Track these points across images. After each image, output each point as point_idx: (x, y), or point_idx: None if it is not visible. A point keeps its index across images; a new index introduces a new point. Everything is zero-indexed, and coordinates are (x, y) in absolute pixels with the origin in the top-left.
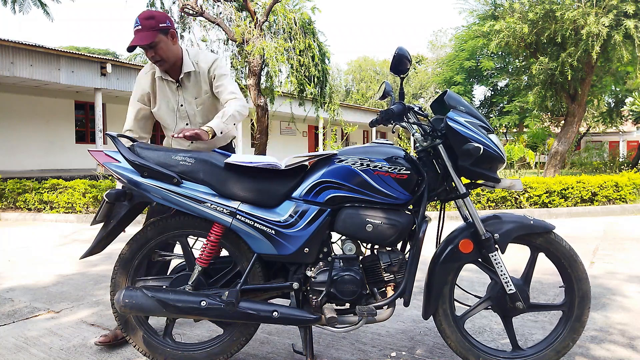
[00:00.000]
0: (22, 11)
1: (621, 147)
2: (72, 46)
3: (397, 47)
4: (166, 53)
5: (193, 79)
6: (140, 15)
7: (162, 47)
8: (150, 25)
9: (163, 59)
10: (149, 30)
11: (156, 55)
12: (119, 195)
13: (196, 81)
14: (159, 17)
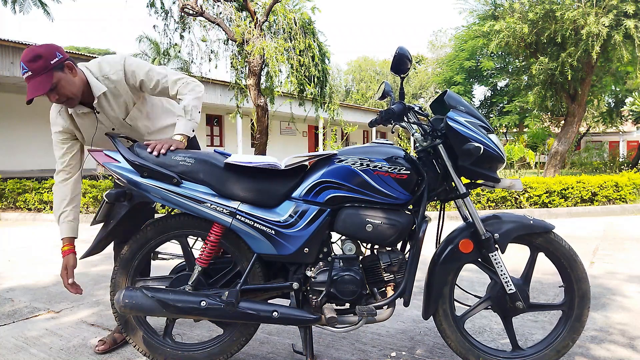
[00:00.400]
0: (23, 11)
1: (621, 147)
2: (72, 46)
3: (398, 47)
4: (71, 89)
5: (111, 97)
6: (24, 58)
7: (63, 85)
8: (41, 67)
9: (70, 97)
10: (42, 73)
11: (61, 96)
12: (119, 196)
13: (115, 98)
14: (46, 53)
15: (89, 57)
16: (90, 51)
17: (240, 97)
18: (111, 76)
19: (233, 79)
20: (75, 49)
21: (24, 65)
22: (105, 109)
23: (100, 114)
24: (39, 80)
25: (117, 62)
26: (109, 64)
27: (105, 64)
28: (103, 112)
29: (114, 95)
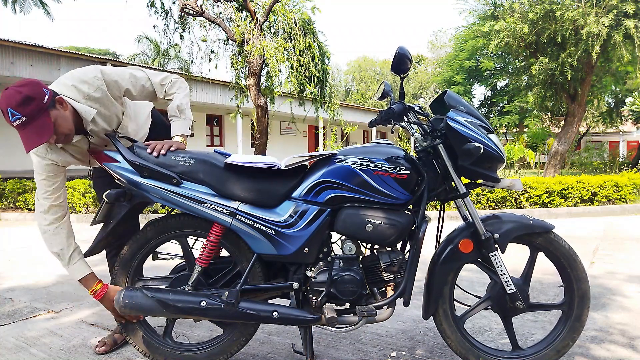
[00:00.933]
0: (23, 11)
1: (621, 147)
2: (72, 46)
3: (398, 47)
4: (67, 126)
5: (99, 116)
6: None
7: (60, 123)
8: (36, 109)
9: (68, 133)
10: (38, 116)
11: (59, 136)
12: (118, 196)
13: (104, 115)
14: (35, 93)
15: (90, 57)
16: (90, 51)
17: (240, 97)
18: (93, 94)
19: (233, 79)
20: (75, 49)
21: (13, 111)
22: (97, 129)
23: (93, 137)
24: (38, 124)
25: (93, 77)
26: (86, 83)
27: (81, 85)
28: (95, 134)
29: (101, 113)
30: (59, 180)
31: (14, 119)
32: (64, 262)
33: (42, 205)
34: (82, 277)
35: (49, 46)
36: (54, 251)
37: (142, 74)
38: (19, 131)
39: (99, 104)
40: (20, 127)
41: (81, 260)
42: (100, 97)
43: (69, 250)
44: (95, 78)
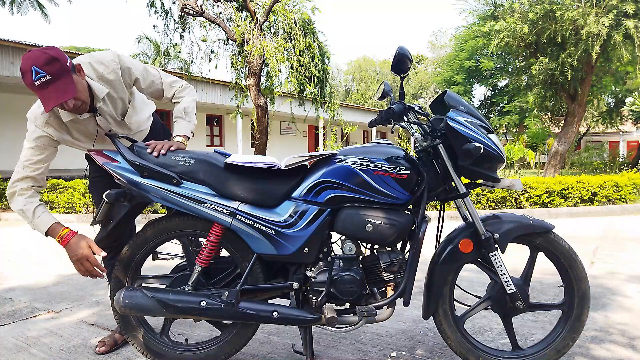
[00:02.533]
0: (20, 12)
1: (621, 147)
2: (72, 46)
3: (398, 47)
4: (84, 93)
5: (110, 99)
6: (36, 62)
7: (79, 89)
8: (60, 69)
9: (84, 101)
10: (62, 76)
11: (76, 101)
12: (118, 196)
13: (114, 99)
14: (59, 55)
15: None
16: (90, 51)
17: (240, 97)
18: (107, 76)
19: (233, 79)
20: (75, 49)
21: (38, 69)
22: (104, 110)
23: (100, 117)
24: (61, 84)
25: (111, 60)
26: (103, 64)
27: (97, 65)
28: (103, 114)
29: (111, 95)
30: (46, 153)
31: (38, 77)
32: (28, 219)
33: (19, 173)
34: (49, 228)
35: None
36: (18, 209)
37: (155, 71)
38: (40, 90)
39: (110, 86)
40: (43, 86)
41: (45, 212)
42: (113, 79)
43: (33, 205)
44: (112, 61)
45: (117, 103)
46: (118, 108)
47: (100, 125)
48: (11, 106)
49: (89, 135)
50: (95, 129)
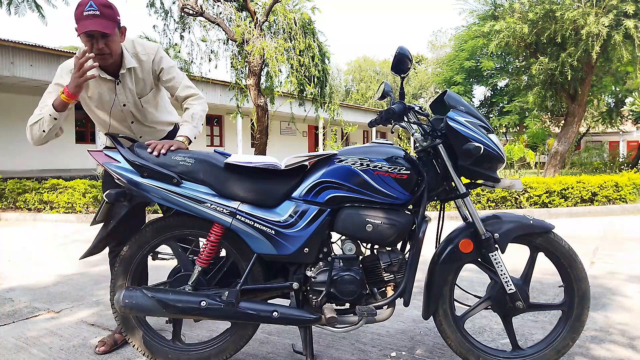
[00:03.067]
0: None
1: (621, 147)
2: (72, 46)
3: (398, 47)
4: (116, 48)
5: (135, 75)
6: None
7: (114, 40)
8: (110, 15)
9: (111, 53)
10: (109, 20)
11: (106, 47)
12: (118, 196)
13: (138, 77)
14: (116, 9)
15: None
16: None
17: (240, 97)
18: (141, 56)
19: (233, 79)
20: (75, 49)
21: (93, 4)
22: (127, 83)
23: (120, 86)
24: (105, 22)
25: (151, 46)
26: (142, 46)
27: (138, 45)
28: (123, 85)
29: (137, 74)
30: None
31: (89, 9)
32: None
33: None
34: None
35: (49, 46)
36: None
37: (180, 72)
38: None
39: (140, 65)
40: (88, 17)
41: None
42: (144, 61)
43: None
44: (151, 48)
45: (139, 82)
46: (138, 87)
47: (118, 96)
48: (11, 106)
49: (104, 102)
50: (112, 97)
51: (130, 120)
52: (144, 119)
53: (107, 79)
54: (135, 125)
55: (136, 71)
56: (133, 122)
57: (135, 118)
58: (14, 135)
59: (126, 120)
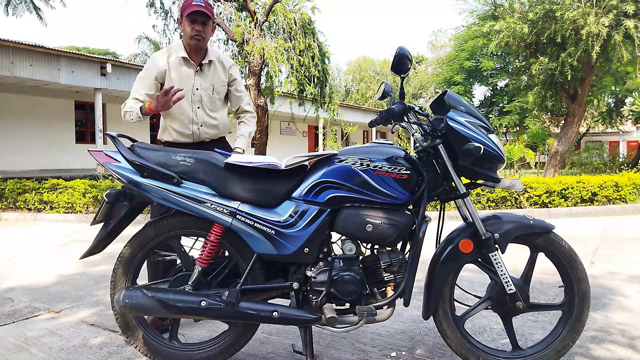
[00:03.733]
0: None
1: (621, 147)
2: (72, 46)
3: (398, 47)
4: (207, 36)
5: (213, 68)
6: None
7: (209, 29)
8: (210, 11)
9: (204, 39)
10: (210, 12)
11: (203, 32)
12: (118, 195)
13: (215, 71)
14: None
15: (90, 57)
16: (90, 51)
17: None
18: (222, 58)
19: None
20: (75, 49)
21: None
22: (205, 72)
23: (198, 73)
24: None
25: (228, 58)
26: (223, 55)
27: (221, 54)
28: (201, 73)
29: (215, 68)
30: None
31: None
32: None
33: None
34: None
35: (49, 46)
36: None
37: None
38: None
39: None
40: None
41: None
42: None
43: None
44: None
45: (216, 78)
46: (215, 81)
47: (196, 83)
48: (11, 106)
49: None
50: (191, 82)
51: (197, 106)
52: (209, 106)
53: (191, 63)
54: (200, 111)
55: (215, 65)
56: (199, 108)
57: (202, 104)
58: (14, 135)
59: (194, 104)
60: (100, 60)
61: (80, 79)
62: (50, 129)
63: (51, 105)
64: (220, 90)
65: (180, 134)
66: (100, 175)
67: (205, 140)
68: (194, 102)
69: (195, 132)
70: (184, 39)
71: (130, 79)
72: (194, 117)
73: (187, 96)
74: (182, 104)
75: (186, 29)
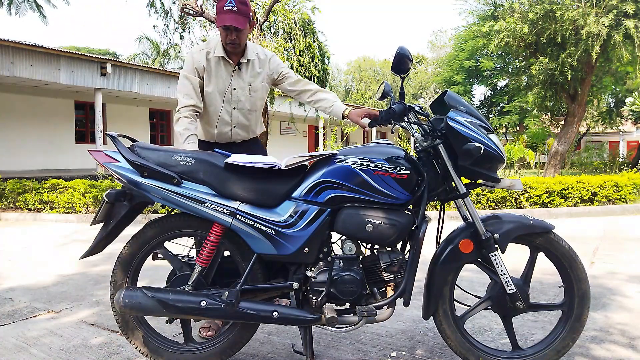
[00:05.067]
0: (19, 14)
1: (621, 147)
2: (72, 46)
3: (399, 47)
4: (244, 39)
5: (251, 66)
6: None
7: (245, 33)
8: (245, 12)
9: (240, 44)
10: (244, 15)
11: (237, 39)
12: (118, 195)
13: (254, 69)
14: (249, 5)
15: (90, 57)
16: (90, 51)
17: None
18: (260, 55)
19: None
20: (75, 49)
21: (232, 1)
22: (243, 71)
23: (236, 72)
24: (241, 19)
25: (268, 51)
26: (262, 49)
27: (259, 47)
28: (240, 72)
29: (253, 66)
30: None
31: (229, 5)
32: (179, 141)
33: (180, 102)
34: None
35: (49, 46)
36: (178, 130)
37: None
38: (222, 14)
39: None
40: (227, 12)
41: (192, 143)
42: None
43: (187, 133)
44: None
45: (254, 74)
46: (253, 80)
47: (233, 83)
48: (11, 106)
49: (220, 84)
50: (228, 81)
51: (233, 106)
52: (247, 106)
53: (229, 63)
54: (237, 112)
55: (254, 64)
56: (235, 108)
57: (238, 105)
58: (14, 135)
59: (231, 104)
60: (100, 60)
61: (80, 79)
62: (50, 129)
63: (51, 105)
64: (258, 88)
65: (213, 134)
66: (100, 175)
67: (237, 142)
68: (230, 102)
69: (227, 133)
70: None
71: (130, 79)
72: (228, 118)
73: (221, 96)
74: (217, 105)
75: (221, 35)
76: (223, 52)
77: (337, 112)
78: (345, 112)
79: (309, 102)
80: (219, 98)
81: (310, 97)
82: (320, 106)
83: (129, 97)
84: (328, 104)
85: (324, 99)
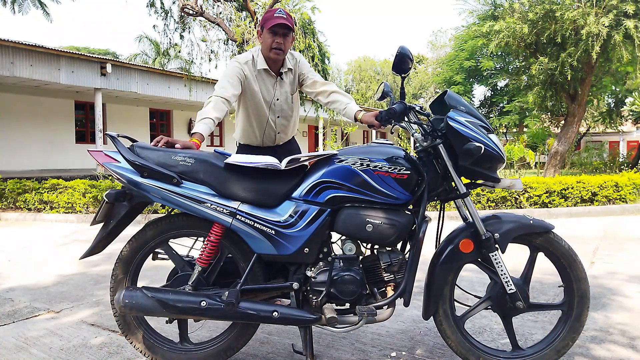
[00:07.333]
0: (22, 12)
1: (621, 147)
2: (72, 46)
3: (399, 47)
4: (287, 48)
5: (290, 75)
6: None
7: (288, 41)
8: (291, 23)
9: (284, 51)
10: (291, 24)
11: (283, 44)
12: (118, 195)
13: (293, 77)
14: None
15: (90, 57)
16: (90, 51)
17: None
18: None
19: None
20: (75, 49)
21: (282, 12)
22: (284, 80)
23: (279, 82)
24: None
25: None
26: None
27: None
28: (281, 82)
29: (291, 75)
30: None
31: (279, 13)
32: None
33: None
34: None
35: (49, 46)
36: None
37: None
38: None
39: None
40: (278, 18)
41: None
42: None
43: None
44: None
45: (292, 82)
46: (291, 87)
47: (276, 90)
48: (11, 106)
49: (266, 95)
50: (272, 91)
51: (277, 115)
52: (289, 113)
53: (272, 74)
54: (280, 119)
55: (291, 72)
56: (279, 117)
57: (282, 112)
58: (14, 135)
59: (275, 114)
60: (100, 60)
61: (80, 79)
62: (50, 129)
63: (51, 105)
64: (295, 97)
65: (260, 141)
66: (100, 175)
67: (279, 144)
68: (275, 112)
69: (272, 138)
70: (263, 49)
71: (130, 79)
72: (273, 126)
73: (269, 107)
74: (262, 116)
75: (267, 41)
76: (265, 64)
77: (349, 114)
78: (358, 117)
79: (326, 104)
80: (265, 109)
81: (326, 98)
82: (334, 108)
83: (129, 97)
84: (342, 105)
85: (337, 101)
